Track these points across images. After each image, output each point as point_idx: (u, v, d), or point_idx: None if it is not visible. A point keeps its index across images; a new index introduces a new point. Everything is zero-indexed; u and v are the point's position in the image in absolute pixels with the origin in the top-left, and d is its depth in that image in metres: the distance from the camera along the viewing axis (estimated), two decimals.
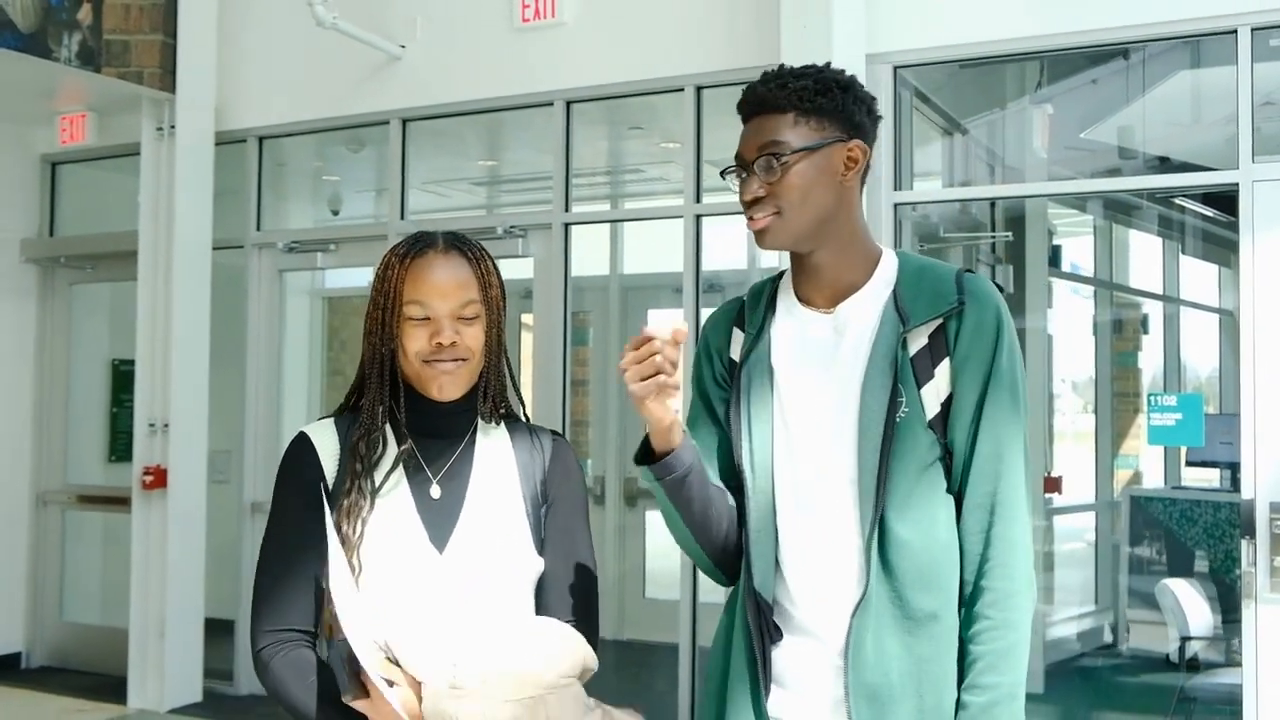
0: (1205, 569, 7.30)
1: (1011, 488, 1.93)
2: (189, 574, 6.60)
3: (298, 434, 2.06)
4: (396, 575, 1.94)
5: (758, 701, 2.00)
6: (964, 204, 6.39)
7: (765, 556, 2.02)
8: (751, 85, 2.04)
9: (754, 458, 2.04)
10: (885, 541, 1.92)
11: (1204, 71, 5.46)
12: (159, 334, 6.61)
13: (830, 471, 1.98)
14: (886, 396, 1.93)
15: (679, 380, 1.87)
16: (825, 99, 1.99)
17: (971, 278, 2.00)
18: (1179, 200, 7.92)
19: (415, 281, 1.98)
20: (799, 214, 1.97)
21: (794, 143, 1.96)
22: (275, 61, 6.84)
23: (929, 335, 1.97)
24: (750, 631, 2.02)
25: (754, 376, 2.07)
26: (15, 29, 5.88)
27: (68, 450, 7.69)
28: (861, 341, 1.99)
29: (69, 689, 6.99)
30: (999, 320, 1.96)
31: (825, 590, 1.98)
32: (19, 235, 7.61)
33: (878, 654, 1.90)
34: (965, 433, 1.95)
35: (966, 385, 1.95)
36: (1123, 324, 9.04)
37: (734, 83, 5.65)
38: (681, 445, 1.95)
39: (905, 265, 2.05)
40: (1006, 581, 1.91)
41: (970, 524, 1.94)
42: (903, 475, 1.92)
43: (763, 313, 2.12)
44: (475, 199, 8.45)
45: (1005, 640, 1.90)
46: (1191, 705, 6.03)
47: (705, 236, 5.83)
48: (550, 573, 2.06)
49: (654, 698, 5.77)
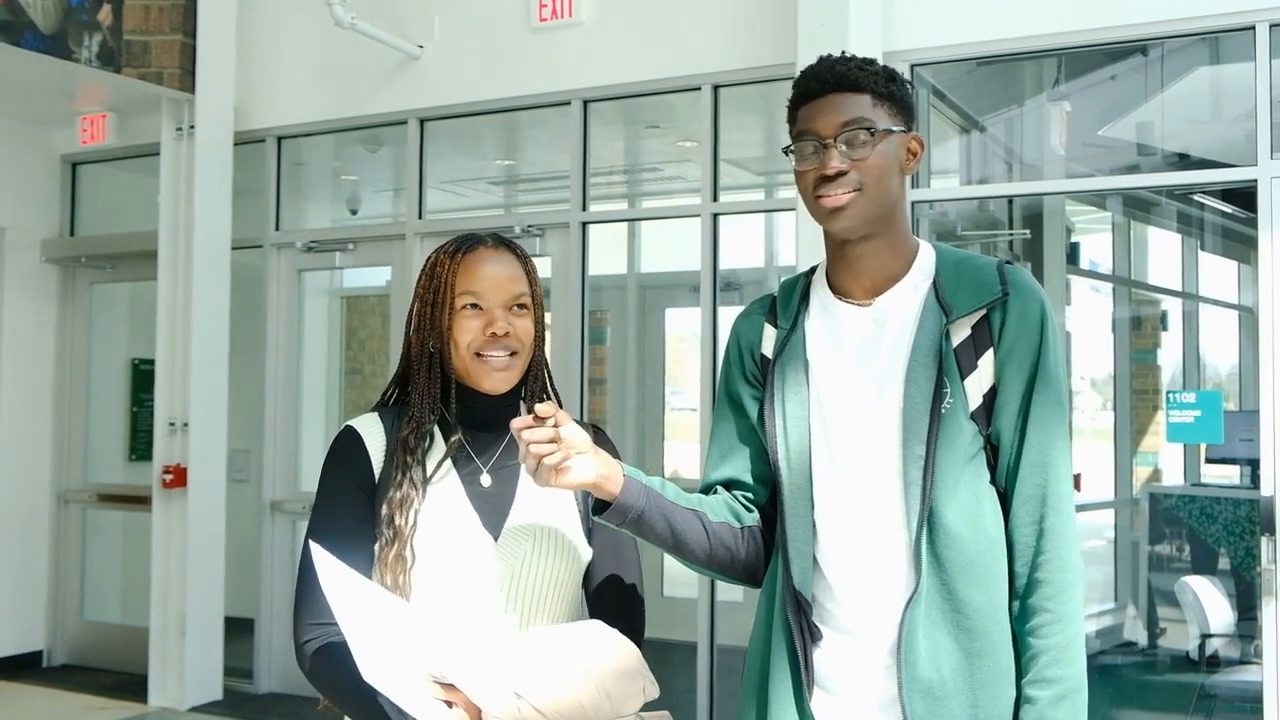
0: (1225, 566, 7.27)
1: (1060, 480, 1.92)
2: (209, 572, 6.63)
3: (344, 428, 2.08)
4: (451, 564, 1.95)
5: (801, 702, 1.98)
6: (982, 201, 6.38)
7: (804, 554, 2.00)
8: (823, 64, 1.99)
9: (790, 453, 2.02)
10: (935, 534, 1.90)
11: (1223, 68, 5.44)
12: (179, 333, 6.64)
13: (873, 465, 1.96)
14: (931, 388, 1.91)
15: (567, 452, 1.83)
16: (895, 87, 1.98)
17: (1013, 269, 1.99)
18: (1198, 197, 7.89)
19: (468, 275, 2.02)
20: (876, 194, 1.94)
21: (879, 123, 1.94)
22: (294, 62, 6.87)
23: (972, 326, 1.95)
24: (790, 630, 1.99)
25: (788, 371, 2.05)
26: (36, 30, 5.92)
27: (88, 449, 7.73)
28: (903, 334, 1.97)
29: (90, 687, 7.03)
30: (1043, 312, 1.95)
31: (870, 586, 1.96)
32: (40, 235, 7.66)
33: (930, 649, 1.88)
34: (1011, 425, 1.93)
35: (1012, 377, 1.94)
36: (1141, 321, 9.01)
37: (751, 81, 5.68)
38: (624, 490, 1.92)
39: (944, 257, 2.03)
40: (1062, 574, 1.89)
41: (1022, 516, 1.92)
42: (950, 467, 1.90)
43: (796, 307, 2.10)
44: (493, 198, 8.47)
45: (1066, 633, 1.88)
46: (1212, 703, 6.03)
47: (722, 235, 5.83)
48: (598, 562, 2.10)
49: (673, 696, 5.75)
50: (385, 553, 1.94)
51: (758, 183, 7.65)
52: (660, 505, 1.98)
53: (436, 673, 1.78)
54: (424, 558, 1.94)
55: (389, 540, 1.94)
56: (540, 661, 1.81)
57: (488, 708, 1.74)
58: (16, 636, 7.48)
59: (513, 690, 1.75)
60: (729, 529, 2.07)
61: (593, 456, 1.89)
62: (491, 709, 1.74)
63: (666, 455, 8.06)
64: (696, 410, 5.87)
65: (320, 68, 6.77)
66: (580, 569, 2.08)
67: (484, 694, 1.75)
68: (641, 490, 1.96)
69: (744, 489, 2.12)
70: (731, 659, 5.74)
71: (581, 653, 1.86)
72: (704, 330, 5.75)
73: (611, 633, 1.92)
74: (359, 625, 1.76)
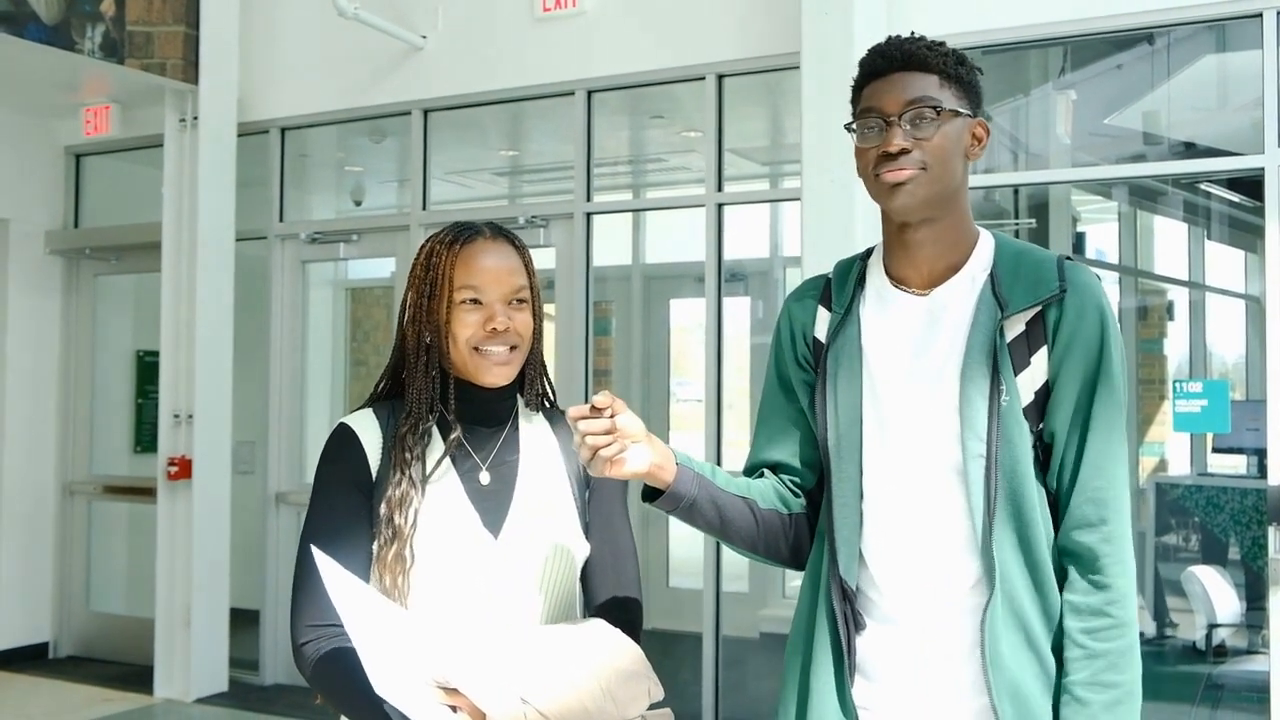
0: (1232, 556, 7.26)
1: (1120, 484, 1.89)
2: (214, 564, 6.63)
3: (339, 425, 2.04)
4: (451, 563, 1.93)
5: (842, 689, 1.96)
6: (987, 191, 6.35)
7: (851, 542, 1.98)
8: (892, 42, 1.96)
9: (841, 442, 1.99)
10: (1000, 533, 1.87)
11: (1229, 56, 5.42)
12: (183, 325, 6.64)
13: (930, 459, 1.93)
14: (987, 384, 1.88)
15: (623, 444, 1.83)
16: (964, 69, 1.94)
17: (1073, 266, 1.94)
18: (1204, 186, 7.86)
19: (467, 267, 1.97)
20: (939, 175, 1.90)
21: (946, 103, 1.90)
22: (297, 53, 6.86)
23: (1026, 323, 1.91)
24: (834, 618, 1.98)
25: (842, 358, 2.02)
26: (39, 21, 5.91)
27: (93, 441, 7.74)
28: (959, 327, 1.93)
29: (96, 678, 7.04)
30: (1103, 311, 1.91)
31: (923, 579, 1.93)
32: (44, 227, 7.66)
33: (1013, 651, 1.86)
34: (1067, 425, 1.90)
35: (1069, 376, 1.90)
36: (1148, 310, 8.98)
37: (755, 71, 5.66)
38: (677, 478, 1.92)
39: (1003, 249, 1.99)
40: (1123, 580, 1.87)
41: (1081, 518, 1.88)
42: (1010, 464, 1.87)
43: (851, 291, 2.05)
44: (497, 189, 8.45)
45: (1126, 639, 1.87)
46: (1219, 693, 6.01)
47: (727, 225, 5.82)
48: (595, 558, 2.08)
49: (678, 687, 5.77)
50: (384, 552, 1.91)
51: (762, 173, 7.63)
52: (711, 493, 1.98)
53: (440, 678, 1.76)
54: (423, 557, 1.91)
55: (388, 540, 1.91)
56: (544, 664, 1.79)
57: (493, 712, 1.72)
58: (23, 628, 7.50)
59: (518, 695, 1.73)
60: (777, 515, 2.06)
61: (647, 445, 1.88)
62: (496, 713, 1.72)
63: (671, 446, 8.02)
64: (701, 401, 5.86)
65: (324, 58, 6.75)
66: (577, 566, 2.05)
67: (488, 698, 1.73)
68: (694, 478, 1.95)
69: (791, 473, 2.11)
70: (737, 650, 5.75)
71: (586, 655, 1.84)
72: (709, 321, 5.74)
73: (615, 634, 1.91)
74: (369, 636, 1.73)
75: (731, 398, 5.77)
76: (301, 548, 1.94)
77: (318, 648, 1.90)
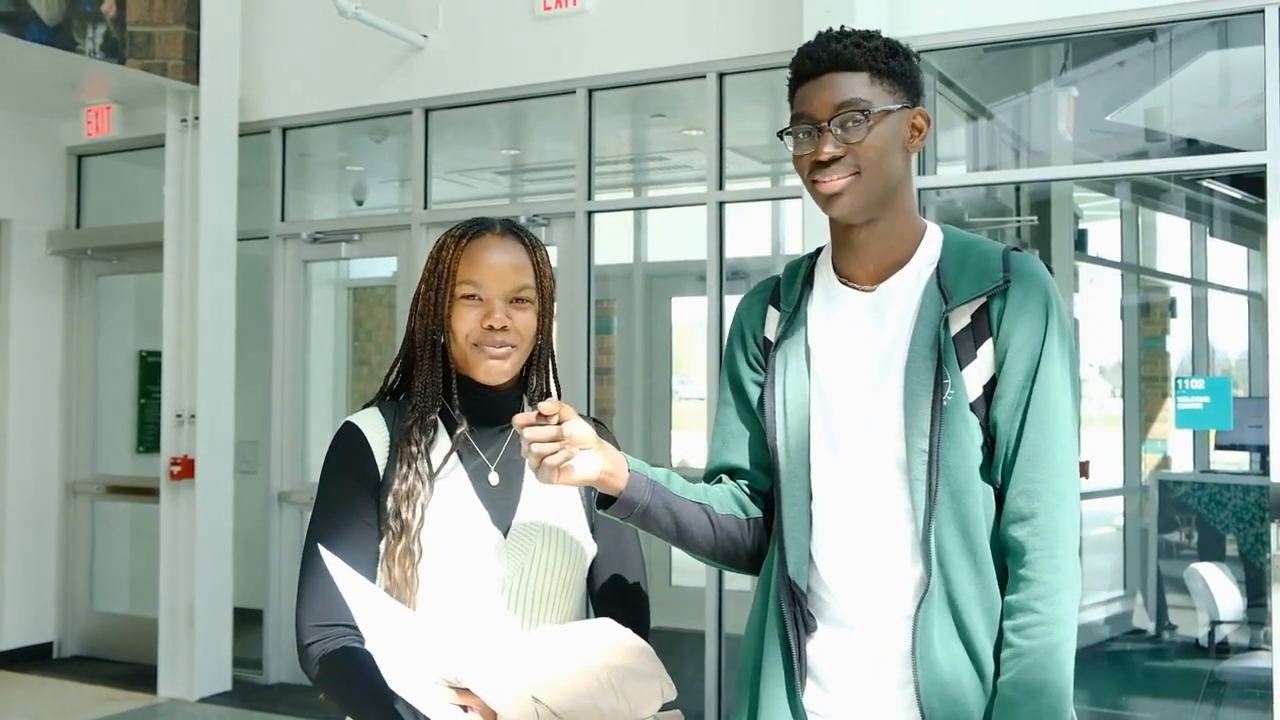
0: (1234, 553, 7.26)
1: (1057, 476, 1.83)
2: (217, 563, 6.64)
3: (344, 424, 2.03)
4: (459, 561, 1.93)
5: (793, 693, 1.94)
6: (989, 188, 6.36)
7: (800, 544, 1.95)
8: (818, 42, 1.92)
9: (789, 441, 1.96)
10: (942, 530, 1.84)
11: (1231, 52, 5.41)
12: (185, 325, 6.64)
13: (874, 456, 1.90)
14: (931, 379, 1.85)
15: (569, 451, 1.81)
16: (896, 62, 1.90)
17: (1019, 256, 1.91)
18: (1206, 182, 7.86)
19: (470, 262, 1.97)
20: (875, 177, 1.87)
21: (876, 103, 1.86)
22: (298, 52, 6.86)
23: (971, 315, 1.88)
24: (785, 621, 1.95)
25: (790, 357, 1.99)
26: (40, 22, 5.91)
27: (96, 441, 7.74)
28: (903, 321, 1.91)
29: (100, 678, 7.04)
30: (1046, 301, 1.86)
31: (870, 579, 1.90)
32: (46, 228, 7.66)
33: (945, 650, 1.83)
34: (1008, 417, 1.85)
35: (1010, 367, 1.85)
36: (1150, 308, 8.99)
37: (756, 69, 5.65)
38: (629, 485, 1.90)
39: (950, 241, 1.96)
40: (1053, 574, 1.81)
41: (1014, 512, 1.83)
42: (954, 460, 1.84)
43: (799, 291, 2.03)
44: (498, 188, 8.46)
45: (1053, 636, 1.80)
46: (1222, 689, 6.02)
47: (728, 224, 5.82)
48: (601, 557, 2.08)
49: (681, 685, 5.75)
50: (392, 546, 1.90)
51: (763, 171, 7.63)
52: (665, 499, 1.95)
53: (451, 678, 1.75)
54: (432, 553, 1.91)
55: (396, 534, 1.90)
56: (556, 664, 1.78)
57: (504, 712, 1.72)
58: (27, 628, 7.51)
59: (529, 694, 1.72)
60: (734, 521, 2.04)
61: (597, 452, 1.85)
62: (507, 713, 1.72)
63: (674, 445, 8.06)
64: (704, 399, 5.86)
65: (324, 58, 6.75)
66: (585, 565, 2.05)
67: (500, 698, 1.72)
68: (646, 485, 1.92)
69: (747, 477, 2.08)
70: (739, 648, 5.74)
71: (598, 655, 1.83)
72: (710, 319, 5.74)
73: (626, 633, 1.90)
74: (381, 635, 1.73)
75: None
76: (308, 547, 1.93)
77: (324, 647, 1.89)
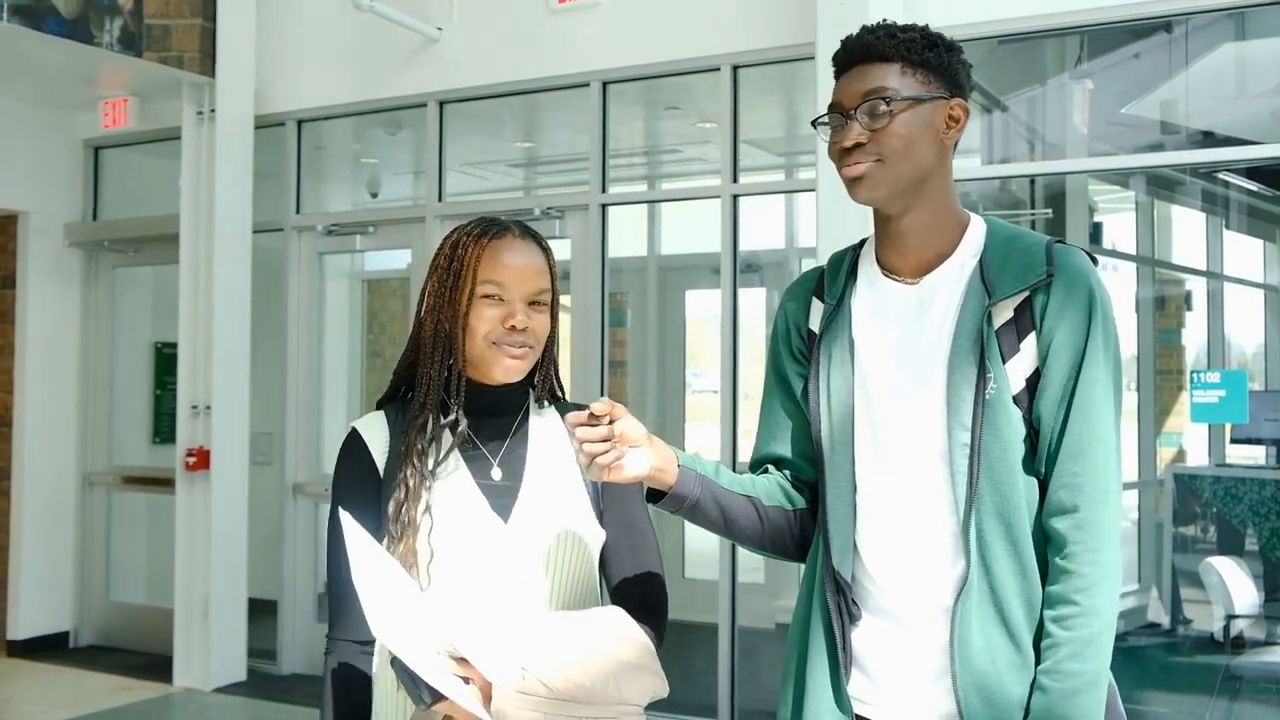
0: (1250, 547, 7.24)
1: (1100, 469, 1.84)
2: (232, 554, 6.67)
3: (349, 430, 2.07)
4: (464, 557, 1.94)
5: (837, 683, 1.96)
6: (1004, 181, 6.34)
7: (844, 534, 1.97)
8: (856, 35, 1.97)
9: (833, 433, 1.99)
10: (983, 523, 1.85)
11: (1249, 44, 5.38)
12: (200, 317, 6.67)
13: (917, 449, 1.92)
14: (974, 373, 1.86)
15: (620, 450, 1.83)
16: (932, 53, 1.93)
17: (1063, 249, 1.91)
18: (1223, 175, 7.82)
19: (493, 262, 1.98)
20: (899, 165, 1.90)
21: (901, 91, 1.90)
22: (314, 45, 6.87)
23: (1014, 309, 1.89)
24: (829, 611, 1.97)
25: (833, 349, 2.01)
26: (58, 15, 5.93)
27: (112, 432, 7.78)
28: (947, 314, 1.92)
29: (116, 668, 7.09)
30: (1091, 295, 1.87)
31: (913, 570, 1.92)
32: (63, 220, 7.69)
33: (984, 643, 1.85)
34: (1053, 412, 1.86)
35: (1056, 362, 1.86)
36: (1165, 301, 8.95)
37: (771, 62, 5.65)
38: (679, 480, 1.93)
39: (994, 234, 1.97)
40: (1093, 568, 1.82)
41: (1056, 504, 1.85)
42: (996, 454, 1.85)
43: (843, 282, 2.05)
44: (512, 180, 8.46)
45: (1091, 628, 1.81)
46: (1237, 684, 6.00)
47: (742, 216, 5.81)
48: (612, 543, 2.08)
49: (693, 677, 5.78)
50: (394, 548, 1.92)
51: (778, 164, 7.62)
52: (714, 493, 1.98)
53: (450, 648, 1.79)
54: (437, 551, 1.93)
55: (396, 536, 1.93)
56: (549, 640, 1.82)
57: (495, 679, 1.75)
58: (44, 617, 7.55)
59: (519, 664, 1.76)
60: (781, 512, 2.07)
61: (648, 448, 1.88)
62: (498, 680, 1.75)
63: (687, 437, 8.07)
64: (717, 392, 5.86)
65: (339, 50, 6.77)
66: (593, 552, 2.06)
67: (492, 666, 1.75)
68: (696, 479, 1.96)
69: (793, 467, 2.11)
70: (752, 640, 5.75)
71: (597, 641, 1.86)
72: (724, 312, 5.74)
73: (631, 625, 1.93)
74: (387, 604, 1.75)
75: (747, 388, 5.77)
76: (329, 558, 1.99)
77: (337, 659, 1.97)
